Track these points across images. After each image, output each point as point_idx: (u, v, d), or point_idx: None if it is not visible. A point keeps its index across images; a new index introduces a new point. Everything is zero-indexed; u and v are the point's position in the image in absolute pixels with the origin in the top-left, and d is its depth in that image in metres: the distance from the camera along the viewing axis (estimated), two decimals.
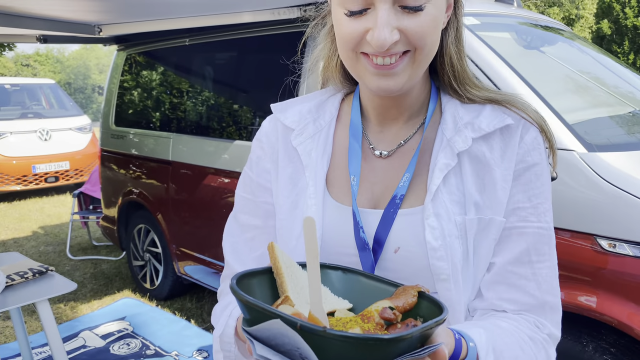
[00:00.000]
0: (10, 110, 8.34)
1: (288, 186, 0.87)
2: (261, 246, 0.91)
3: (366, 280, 0.68)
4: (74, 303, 3.94)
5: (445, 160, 0.79)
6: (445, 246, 0.76)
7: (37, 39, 3.11)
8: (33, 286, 2.40)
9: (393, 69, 0.73)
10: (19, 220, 6.49)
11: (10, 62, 21.41)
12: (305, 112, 0.90)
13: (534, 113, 0.82)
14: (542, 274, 0.79)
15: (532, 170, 0.79)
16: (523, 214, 0.79)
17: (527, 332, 0.77)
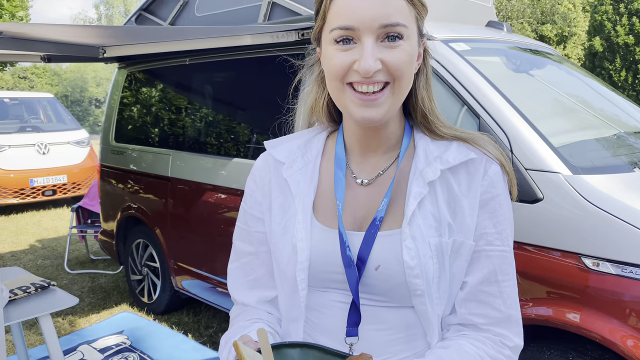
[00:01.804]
0: (9, 123, 8.40)
1: (279, 213, 0.98)
2: (254, 270, 1.03)
3: (319, 353, 0.79)
4: (72, 317, 3.98)
5: (417, 188, 0.90)
6: (420, 265, 0.86)
7: (42, 58, 3.20)
8: (35, 301, 2.46)
9: (375, 100, 0.84)
10: (17, 234, 6.52)
11: (8, 75, 21.46)
12: (295, 148, 1.02)
13: (495, 150, 0.93)
14: (507, 291, 0.90)
15: (496, 200, 0.90)
16: (490, 239, 0.90)
17: (491, 352, 0.88)
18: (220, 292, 3.37)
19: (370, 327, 0.91)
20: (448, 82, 2.23)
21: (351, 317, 0.90)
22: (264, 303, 1.03)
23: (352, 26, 0.82)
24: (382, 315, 0.91)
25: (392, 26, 0.82)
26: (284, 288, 0.98)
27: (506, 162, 0.93)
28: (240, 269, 1.05)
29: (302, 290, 0.92)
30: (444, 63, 2.26)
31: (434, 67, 2.28)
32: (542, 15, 17.79)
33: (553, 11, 17.57)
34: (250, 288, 1.04)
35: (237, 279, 1.05)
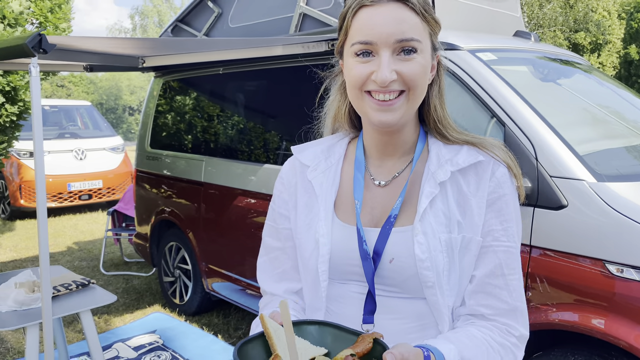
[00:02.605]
0: (49, 130, 8.72)
1: (304, 211, 1.07)
2: (282, 264, 1.12)
3: (335, 330, 0.86)
4: (108, 316, 4.13)
5: (429, 188, 0.98)
6: (431, 258, 0.94)
7: (84, 67, 3.37)
8: (77, 297, 2.59)
9: (392, 105, 0.93)
10: (55, 236, 6.77)
11: (47, 83, 22.15)
12: (319, 152, 1.11)
13: (503, 153, 1.00)
14: (513, 284, 0.97)
15: (502, 199, 0.97)
16: (496, 235, 0.96)
17: (498, 339, 0.95)
18: (249, 295, 3.46)
19: (385, 316, 0.98)
20: (474, 91, 2.28)
21: (367, 306, 0.99)
22: (290, 294, 1.11)
23: (371, 41, 0.91)
24: (396, 306, 0.98)
25: (407, 41, 0.90)
26: (307, 280, 1.06)
27: (513, 164, 1.00)
28: (269, 263, 1.14)
29: (323, 281, 1.01)
30: (471, 72, 2.31)
31: (461, 77, 2.33)
32: (575, 23, 17.53)
33: (587, 19, 17.30)
34: (278, 280, 1.12)
35: (265, 272, 1.14)
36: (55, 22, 4.84)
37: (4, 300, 2.39)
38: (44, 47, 1.68)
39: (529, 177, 2.07)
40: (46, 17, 4.75)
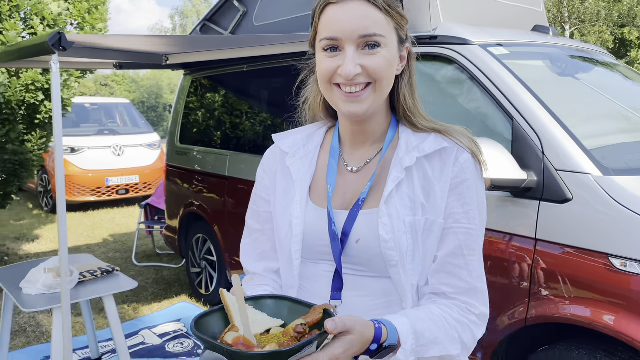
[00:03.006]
0: (89, 127, 9.06)
1: (282, 196, 1.14)
2: (262, 245, 1.19)
3: (290, 303, 0.92)
4: (136, 305, 4.30)
5: (396, 173, 1.03)
6: (395, 239, 0.99)
7: (114, 65, 3.53)
8: (101, 283, 2.73)
9: (359, 97, 0.99)
10: (92, 229, 7.05)
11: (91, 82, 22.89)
12: (298, 140, 1.18)
13: (467, 140, 1.05)
14: (473, 264, 1.02)
15: (464, 184, 1.02)
16: (457, 217, 1.01)
17: (456, 316, 1.00)
18: None
19: (352, 293, 1.04)
20: (484, 85, 2.29)
21: (335, 284, 1.05)
22: (269, 272, 1.18)
23: (336, 37, 0.97)
24: (363, 283, 1.04)
25: (370, 36, 0.96)
26: (283, 259, 1.13)
27: (478, 151, 1.04)
28: (251, 244, 1.21)
29: (295, 260, 1.08)
30: (481, 67, 2.33)
31: (471, 71, 2.35)
32: (620, 18, 16.95)
33: (631, 14, 16.69)
34: (258, 260, 1.20)
35: (247, 252, 1.22)
36: (93, 22, 5.05)
37: (34, 284, 2.55)
38: (63, 44, 1.81)
39: (535, 170, 2.07)
40: (84, 17, 4.96)
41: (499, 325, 2.16)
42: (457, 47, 2.44)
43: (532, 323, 2.06)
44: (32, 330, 3.81)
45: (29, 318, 4.00)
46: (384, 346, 0.88)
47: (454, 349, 0.98)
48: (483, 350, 2.24)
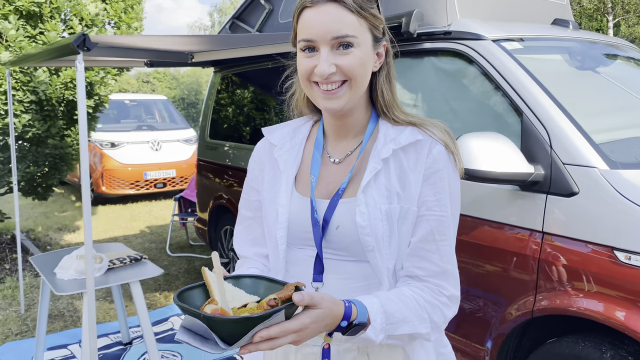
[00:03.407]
0: (128, 122, 9.39)
1: (269, 186, 1.22)
2: (253, 231, 1.27)
3: (266, 282, 0.99)
4: (167, 293, 4.49)
5: (374, 164, 1.10)
6: (371, 226, 1.05)
7: (145, 63, 3.69)
8: (129, 270, 2.89)
9: (335, 94, 1.05)
10: (130, 220, 7.33)
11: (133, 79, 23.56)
12: (286, 133, 1.25)
13: (441, 133, 1.11)
14: (444, 249, 1.08)
15: (437, 174, 1.08)
16: (429, 205, 1.08)
17: (427, 297, 1.06)
18: None
19: (334, 276, 1.11)
20: (495, 79, 2.32)
21: (316, 267, 1.12)
22: (259, 257, 1.26)
23: (311, 39, 1.04)
24: (343, 267, 1.11)
25: (343, 37, 1.02)
26: (270, 245, 1.20)
27: (451, 143, 1.10)
28: (243, 231, 1.29)
29: (281, 245, 1.15)
30: (493, 61, 2.35)
31: (483, 66, 2.38)
32: None
33: None
34: (250, 245, 1.28)
35: (240, 238, 1.30)
36: (128, 21, 5.26)
37: (67, 270, 2.73)
38: (87, 45, 1.94)
39: (543, 164, 2.09)
40: (120, 17, 5.17)
41: (507, 317, 2.19)
42: (470, 42, 2.46)
43: (538, 315, 2.09)
44: (70, 314, 4.04)
45: (67, 304, 4.23)
46: (353, 324, 0.94)
47: (423, 328, 1.04)
48: (492, 340, 2.27)
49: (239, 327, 0.83)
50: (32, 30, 4.45)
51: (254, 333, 0.84)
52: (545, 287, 2.07)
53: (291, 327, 0.86)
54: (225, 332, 0.84)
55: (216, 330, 0.84)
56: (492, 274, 2.25)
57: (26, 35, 4.41)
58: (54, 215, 7.63)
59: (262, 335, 0.83)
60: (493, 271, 2.24)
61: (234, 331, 0.84)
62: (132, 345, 3.51)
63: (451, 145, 1.10)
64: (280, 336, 0.85)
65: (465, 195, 2.32)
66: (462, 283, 2.28)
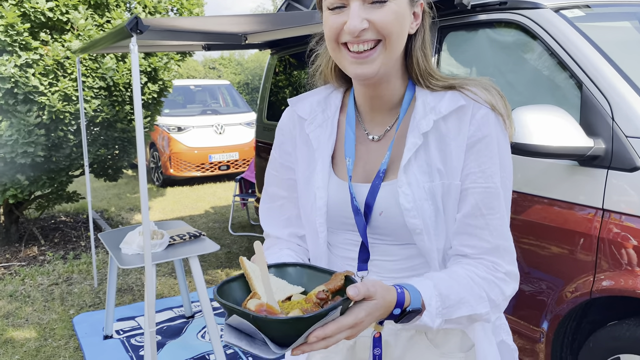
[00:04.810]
0: (194, 107, 9.70)
1: (304, 165, 1.10)
2: (287, 211, 1.17)
3: (311, 271, 0.92)
4: (228, 270, 4.64)
5: (413, 139, 0.99)
6: (417, 207, 0.96)
7: (203, 47, 3.78)
8: (189, 246, 3.01)
9: (368, 57, 0.92)
10: (196, 201, 7.60)
11: (200, 66, 24.25)
12: (315, 104, 1.12)
13: (486, 94, 0.97)
14: (494, 224, 0.97)
15: (482, 142, 0.96)
16: (473, 177, 0.97)
17: (482, 274, 0.97)
18: None
19: (380, 258, 1.04)
20: (553, 50, 2.20)
21: (361, 255, 1.04)
22: (294, 237, 1.17)
23: None
24: (389, 250, 1.03)
25: None
26: (309, 229, 1.11)
27: (499, 103, 0.97)
28: (275, 210, 1.18)
29: (321, 232, 1.06)
30: (551, 31, 2.23)
31: (541, 36, 2.26)
32: None
33: None
34: (284, 226, 1.17)
35: (271, 218, 1.19)
36: (190, 7, 5.39)
37: (130, 245, 2.88)
38: (140, 28, 2.02)
39: (604, 137, 1.98)
40: (182, 3, 5.31)
41: (563, 297, 2.11)
42: (527, 11, 2.35)
43: (597, 295, 1.99)
44: (138, 289, 4.26)
45: (135, 279, 4.47)
46: (407, 310, 0.87)
47: (482, 307, 0.96)
48: (548, 321, 2.19)
49: (293, 328, 0.75)
50: (100, 19, 4.66)
51: (309, 333, 0.76)
52: (606, 267, 1.97)
53: (347, 322, 0.79)
54: (277, 333, 0.77)
55: (266, 331, 0.76)
56: (548, 254, 2.16)
57: (94, 24, 4.63)
58: (125, 196, 8.04)
59: (318, 335, 0.76)
60: (548, 250, 2.16)
61: (287, 332, 0.76)
62: (194, 318, 3.67)
63: (499, 105, 0.97)
64: (335, 334, 0.78)
65: (518, 171, 2.23)
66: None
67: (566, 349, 2.21)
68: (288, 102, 1.16)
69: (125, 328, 3.56)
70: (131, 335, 3.46)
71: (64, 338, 3.42)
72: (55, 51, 4.34)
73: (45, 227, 5.98)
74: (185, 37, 2.86)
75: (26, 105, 4.27)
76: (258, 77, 26.87)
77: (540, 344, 2.22)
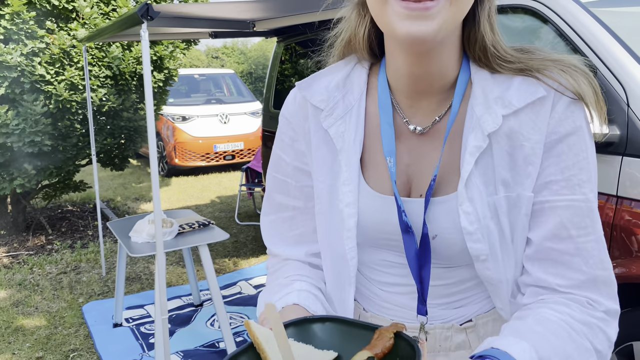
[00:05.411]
0: (198, 97, 9.67)
1: (323, 170, 0.84)
2: (300, 226, 0.91)
3: (344, 327, 0.68)
4: (236, 259, 4.65)
5: (475, 142, 0.75)
6: (481, 229, 0.75)
7: (210, 35, 3.76)
8: (198, 234, 3.01)
9: (427, 10, 0.65)
10: (201, 191, 7.61)
11: (203, 55, 24.21)
12: (333, 88, 0.84)
13: (570, 78, 0.74)
14: (587, 247, 0.74)
15: (564, 141, 0.74)
16: (555, 188, 0.74)
17: (579, 316, 0.73)
18: None
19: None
20: (567, 35, 2.18)
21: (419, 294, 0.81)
22: (310, 256, 0.92)
23: None
24: (438, 273, 0.82)
25: None
26: (328, 253, 0.87)
27: (588, 91, 0.73)
28: (283, 223, 0.92)
29: (351, 259, 0.82)
30: (564, 16, 2.21)
31: (554, 21, 2.24)
32: None
33: None
34: (295, 244, 0.92)
35: (278, 233, 0.93)
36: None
37: (140, 233, 2.88)
38: (150, 14, 2.01)
39: (618, 124, 1.96)
40: None
41: None
42: None
43: None
44: (146, 277, 4.28)
45: (143, 267, 4.49)
46: None
47: None
48: None
49: None
50: (105, 8, 4.64)
51: None
52: (619, 254, 1.96)
53: None
54: None
55: None
56: None
57: (100, 12, 4.61)
58: (131, 186, 8.05)
59: None
60: None
61: None
62: (202, 307, 3.68)
63: (588, 94, 0.73)
64: None
65: None
66: None
67: None
68: (297, 87, 0.89)
69: (134, 316, 3.58)
70: (141, 323, 3.48)
71: (74, 326, 3.44)
72: (62, 40, 4.32)
73: (52, 217, 6.00)
74: (194, 24, 2.85)
75: (33, 95, 4.26)
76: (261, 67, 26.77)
77: None
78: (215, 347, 3.11)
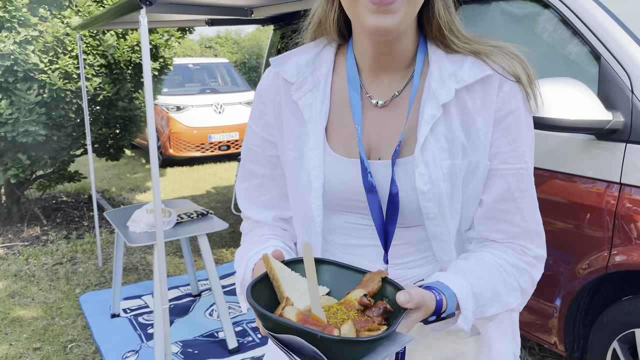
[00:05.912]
0: (193, 86, 9.59)
1: (292, 138, 0.95)
2: (268, 192, 1.03)
3: (337, 268, 0.81)
4: (233, 249, 4.63)
5: (431, 111, 0.85)
6: (433, 189, 0.85)
7: (206, 22, 3.71)
8: (197, 224, 2.99)
9: (391, 5, 0.77)
10: (197, 182, 7.56)
11: (196, 45, 24.03)
12: (303, 65, 0.95)
13: (510, 63, 0.86)
14: (525, 207, 0.89)
15: (510, 117, 0.86)
16: (503, 157, 0.87)
17: (511, 260, 0.89)
18: None
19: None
20: (569, 21, 2.16)
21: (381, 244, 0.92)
22: (279, 221, 1.04)
23: None
24: (399, 234, 0.91)
25: None
26: (298, 213, 0.97)
27: (523, 75, 0.86)
28: (254, 189, 1.04)
29: (317, 217, 0.92)
30: (567, 1, 2.19)
31: (558, 8, 2.22)
32: None
33: None
34: (264, 208, 1.03)
35: (250, 198, 1.05)
36: None
37: (138, 223, 2.85)
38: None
39: (623, 111, 1.95)
40: None
41: (578, 273, 2.10)
42: None
43: (613, 270, 1.98)
44: (143, 268, 4.26)
45: (140, 258, 4.46)
46: (442, 317, 0.79)
47: (514, 299, 0.88)
48: (561, 297, 2.19)
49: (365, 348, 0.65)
50: None
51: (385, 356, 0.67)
52: (622, 241, 1.96)
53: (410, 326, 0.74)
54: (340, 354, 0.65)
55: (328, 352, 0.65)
56: (563, 229, 2.15)
57: (93, 0, 4.54)
58: (125, 176, 8.00)
59: None
60: (564, 226, 2.14)
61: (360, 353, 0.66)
62: (201, 297, 3.67)
63: (524, 78, 0.86)
64: None
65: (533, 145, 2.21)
66: None
67: (579, 324, 2.21)
68: (270, 62, 0.98)
69: (132, 307, 3.56)
70: (138, 313, 3.46)
71: (71, 317, 3.42)
72: (55, 28, 4.26)
73: (46, 207, 5.95)
74: (192, 10, 2.81)
75: (26, 83, 4.21)
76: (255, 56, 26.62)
77: (554, 319, 2.23)
78: (214, 337, 3.10)
